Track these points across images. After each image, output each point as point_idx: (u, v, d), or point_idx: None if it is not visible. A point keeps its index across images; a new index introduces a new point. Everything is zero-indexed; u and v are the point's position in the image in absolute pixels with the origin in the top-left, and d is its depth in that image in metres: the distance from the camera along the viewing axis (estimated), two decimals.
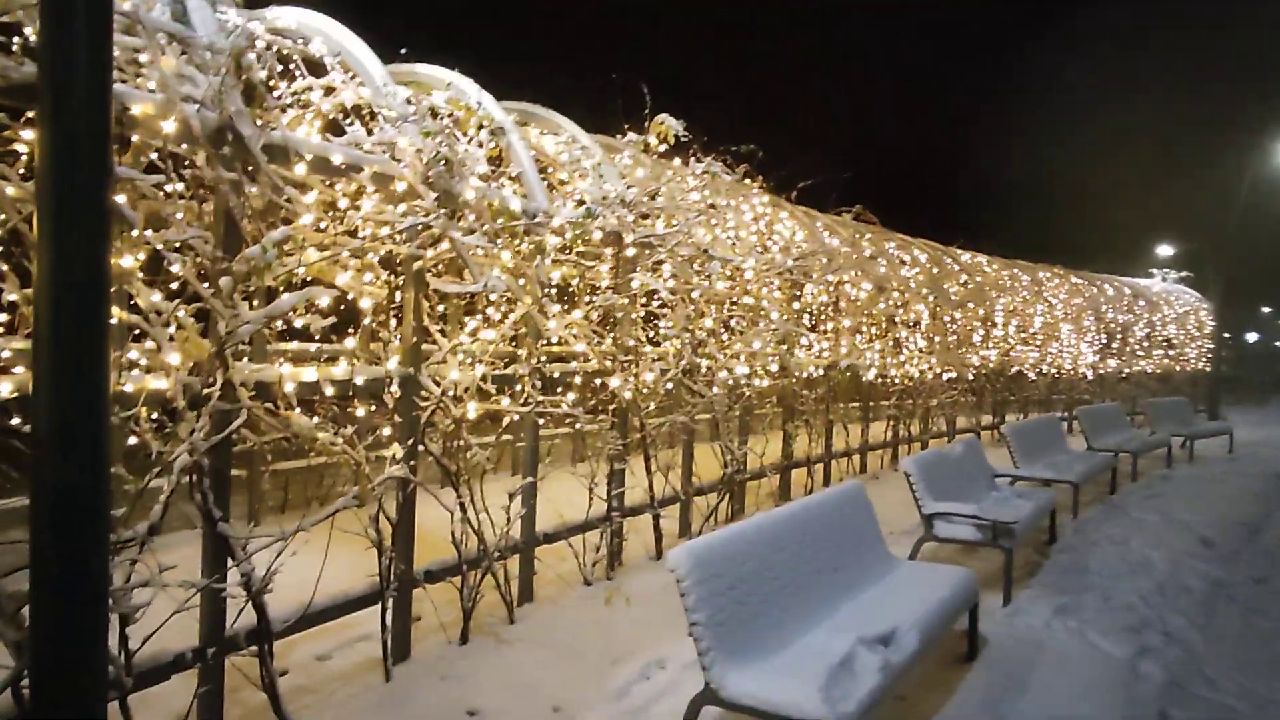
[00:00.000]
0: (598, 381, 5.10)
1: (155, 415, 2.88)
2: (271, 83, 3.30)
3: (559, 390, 4.77)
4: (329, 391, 3.34)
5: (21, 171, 2.95)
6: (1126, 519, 6.96)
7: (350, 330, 4.28)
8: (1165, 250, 21.80)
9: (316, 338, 3.48)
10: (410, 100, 3.90)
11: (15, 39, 2.59)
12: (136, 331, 2.89)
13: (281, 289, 3.24)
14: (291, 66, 3.65)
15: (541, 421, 4.69)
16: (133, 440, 2.73)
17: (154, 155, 2.93)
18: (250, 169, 2.95)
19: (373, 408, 4.02)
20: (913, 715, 3.31)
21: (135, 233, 2.62)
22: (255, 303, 3.19)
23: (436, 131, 3.75)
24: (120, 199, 2.61)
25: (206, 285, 2.82)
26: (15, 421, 2.46)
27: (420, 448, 3.75)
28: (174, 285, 3.09)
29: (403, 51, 4.42)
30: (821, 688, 2.57)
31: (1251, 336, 59.38)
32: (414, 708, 3.24)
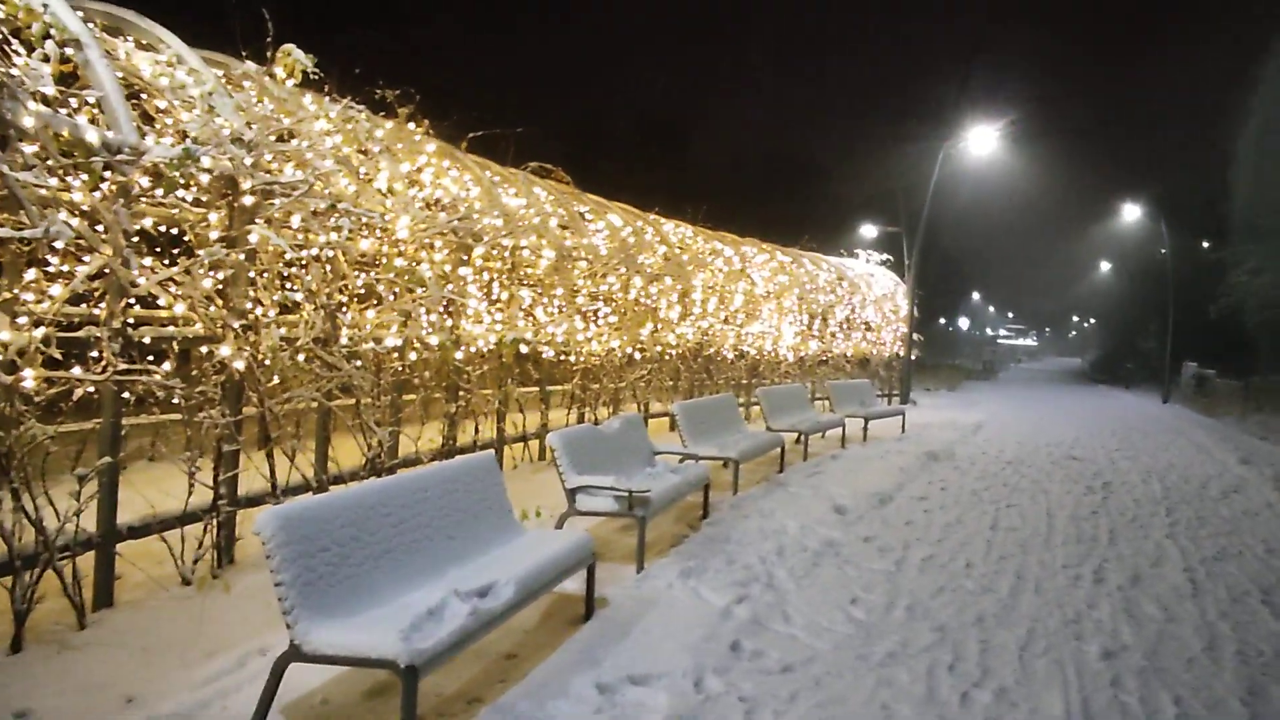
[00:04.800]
0: (204, 349, 5.42)
1: None
2: None
3: (150, 359, 5.03)
4: None
5: None
6: (783, 493, 8.83)
7: None
8: (870, 231, 26.46)
9: None
10: None
11: None
12: None
13: None
14: None
15: (129, 397, 4.94)
16: None
17: None
18: None
19: None
20: (518, 671, 4.27)
21: None
22: None
23: None
24: None
25: None
26: None
27: None
28: None
29: None
30: (403, 632, 3.37)
31: (963, 322, 73.47)
32: None
